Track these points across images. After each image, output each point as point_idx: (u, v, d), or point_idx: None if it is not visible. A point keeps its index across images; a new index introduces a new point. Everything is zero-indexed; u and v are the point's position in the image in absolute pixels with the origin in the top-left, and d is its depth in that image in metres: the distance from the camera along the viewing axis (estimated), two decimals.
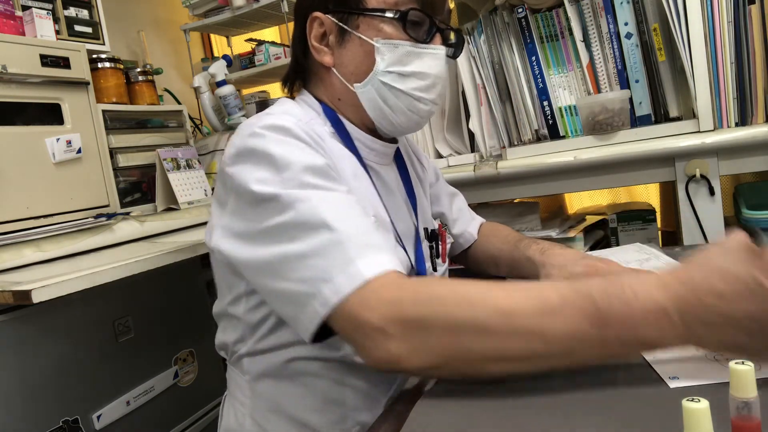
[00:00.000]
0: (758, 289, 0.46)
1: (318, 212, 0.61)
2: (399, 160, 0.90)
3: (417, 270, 0.82)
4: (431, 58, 0.76)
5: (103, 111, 1.49)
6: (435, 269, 0.89)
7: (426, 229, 0.90)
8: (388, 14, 0.73)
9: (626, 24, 1.22)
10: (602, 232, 1.41)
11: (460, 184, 1.17)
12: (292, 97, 0.85)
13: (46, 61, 1.30)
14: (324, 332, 0.60)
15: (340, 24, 0.76)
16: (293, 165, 0.64)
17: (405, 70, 0.75)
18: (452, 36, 0.81)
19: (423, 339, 0.53)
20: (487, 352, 0.51)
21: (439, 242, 0.91)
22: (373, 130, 0.82)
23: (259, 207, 0.64)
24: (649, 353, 0.53)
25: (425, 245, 0.89)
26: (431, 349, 0.53)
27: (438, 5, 0.76)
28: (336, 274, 0.57)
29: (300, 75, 0.85)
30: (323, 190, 0.64)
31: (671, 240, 1.48)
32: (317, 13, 0.76)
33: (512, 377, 0.52)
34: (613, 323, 0.48)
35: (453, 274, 0.97)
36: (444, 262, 0.92)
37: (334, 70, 0.78)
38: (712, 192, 1.15)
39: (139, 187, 1.63)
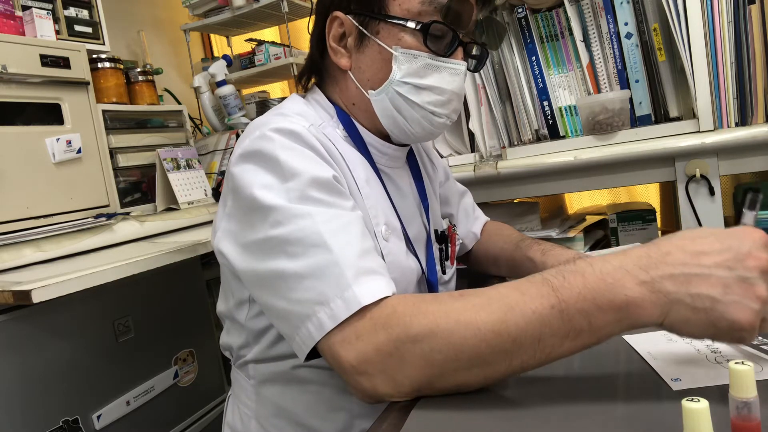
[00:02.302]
0: (731, 242, 0.46)
1: (317, 230, 0.59)
2: (411, 161, 0.89)
3: (427, 276, 0.82)
4: (450, 74, 0.73)
5: (103, 111, 1.49)
6: (444, 272, 0.89)
7: (436, 231, 0.90)
8: (410, 24, 0.71)
9: (626, 24, 1.22)
10: (602, 232, 1.41)
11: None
12: (303, 95, 0.83)
13: (46, 61, 1.30)
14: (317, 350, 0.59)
15: (360, 27, 0.73)
16: (299, 175, 0.63)
17: (421, 82, 0.72)
18: (475, 49, 0.79)
19: (399, 369, 0.52)
20: (462, 365, 0.51)
21: (449, 244, 0.90)
22: (385, 136, 0.80)
23: (257, 214, 0.63)
24: (629, 330, 0.49)
25: (435, 248, 0.88)
26: (410, 376, 0.52)
27: (464, 19, 0.73)
28: (332, 298, 0.56)
29: (315, 74, 0.83)
30: (326, 207, 0.62)
31: None
32: (338, 13, 0.74)
33: (510, 380, 0.52)
34: (569, 296, 0.48)
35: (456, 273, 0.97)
36: (453, 264, 0.91)
37: (350, 74, 0.76)
38: (712, 192, 1.15)
39: (139, 187, 1.63)
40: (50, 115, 1.33)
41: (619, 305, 0.46)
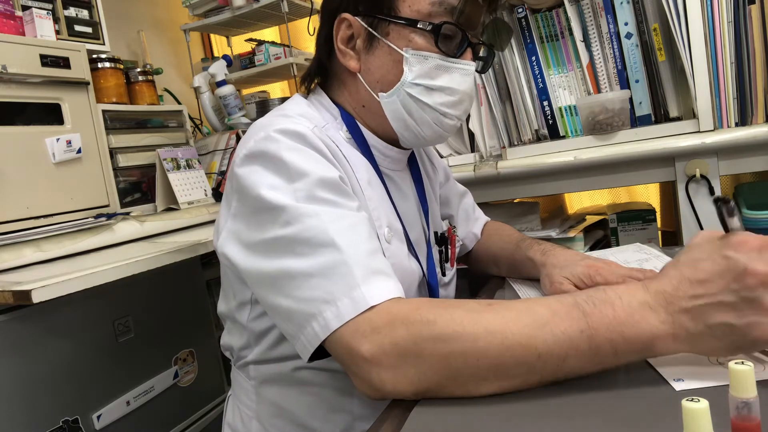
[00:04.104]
0: (727, 261, 0.48)
1: (326, 230, 0.59)
2: (412, 163, 0.89)
3: (428, 279, 0.82)
4: (460, 74, 0.73)
5: (103, 111, 1.49)
6: (444, 274, 0.89)
7: (436, 233, 0.89)
8: (421, 25, 0.70)
9: (626, 24, 1.22)
10: (602, 232, 1.41)
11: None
12: (306, 96, 0.83)
13: (46, 61, 1.30)
14: (321, 351, 0.59)
15: (370, 29, 0.73)
16: (306, 176, 0.63)
17: (433, 83, 0.72)
18: (482, 50, 0.79)
19: (415, 366, 0.52)
20: (480, 372, 0.51)
21: (449, 246, 0.90)
22: (392, 139, 0.80)
23: (265, 214, 0.63)
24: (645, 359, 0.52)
25: (435, 250, 0.88)
26: (424, 375, 0.52)
27: (474, 21, 0.73)
28: (340, 297, 0.56)
29: (321, 76, 0.82)
30: (333, 206, 0.62)
31: (671, 240, 1.48)
32: (346, 15, 0.74)
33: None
34: (600, 325, 0.49)
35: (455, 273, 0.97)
36: (453, 266, 0.91)
37: (360, 76, 0.76)
38: (712, 192, 1.15)
39: (139, 187, 1.63)
40: (50, 115, 1.33)
41: (645, 340, 0.49)
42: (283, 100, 1.99)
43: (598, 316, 0.50)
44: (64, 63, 1.35)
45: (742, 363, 0.35)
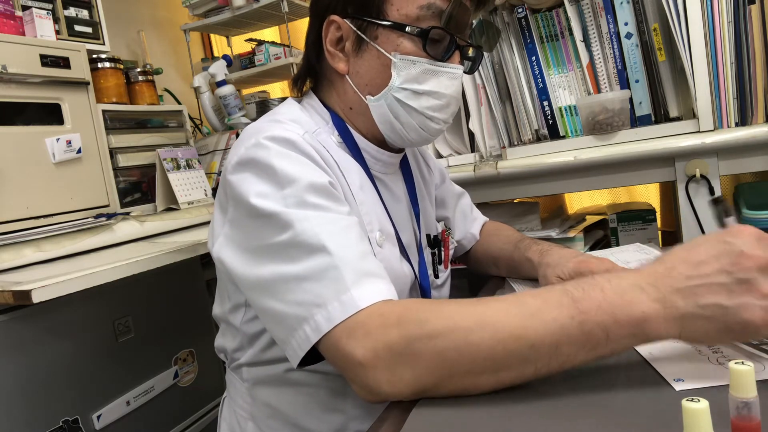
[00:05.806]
0: (724, 246, 0.48)
1: (317, 234, 0.59)
2: (405, 166, 0.89)
3: (420, 281, 0.82)
4: (448, 78, 0.73)
5: (103, 111, 1.49)
6: (437, 276, 0.89)
7: (429, 236, 0.90)
8: (409, 30, 0.70)
9: (626, 24, 1.22)
10: (602, 232, 1.41)
11: (460, 184, 1.17)
12: (299, 100, 0.83)
13: (46, 61, 1.30)
14: (311, 357, 0.59)
15: (358, 32, 0.73)
16: (295, 182, 0.63)
17: (420, 88, 0.72)
18: (471, 51, 0.79)
19: (410, 366, 0.52)
20: (475, 367, 0.51)
21: (442, 248, 0.90)
22: (381, 141, 0.80)
23: (257, 221, 0.63)
24: (641, 345, 0.53)
25: (427, 253, 0.88)
26: (420, 374, 0.52)
27: (462, 24, 0.73)
28: (330, 300, 0.56)
29: (311, 78, 0.82)
30: (323, 211, 0.62)
31: (671, 240, 1.48)
32: (335, 17, 0.74)
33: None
34: (590, 309, 0.49)
35: (454, 273, 0.98)
36: (446, 268, 0.92)
37: (348, 78, 0.76)
38: (712, 192, 1.15)
39: (139, 187, 1.63)
40: (50, 115, 1.33)
41: (636, 321, 0.48)
42: (283, 100, 1.99)
43: (587, 301, 0.50)
44: (64, 63, 1.35)
45: (742, 363, 0.35)
